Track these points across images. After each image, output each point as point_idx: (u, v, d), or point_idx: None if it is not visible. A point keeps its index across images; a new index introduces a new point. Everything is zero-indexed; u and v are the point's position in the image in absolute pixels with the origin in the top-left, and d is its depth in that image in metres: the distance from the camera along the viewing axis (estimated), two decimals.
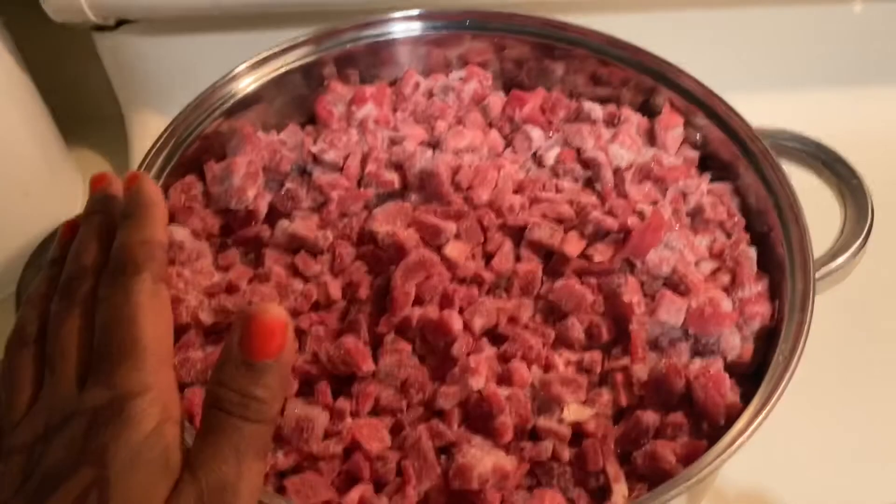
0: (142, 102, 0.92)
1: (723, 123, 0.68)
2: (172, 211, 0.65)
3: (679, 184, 0.67)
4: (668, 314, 0.59)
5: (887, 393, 0.75)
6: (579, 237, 0.63)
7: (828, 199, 0.69)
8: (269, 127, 0.74)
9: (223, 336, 0.60)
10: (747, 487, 0.69)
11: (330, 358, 0.57)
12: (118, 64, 0.89)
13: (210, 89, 0.68)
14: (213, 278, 0.62)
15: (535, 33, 0.74)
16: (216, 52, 0.87)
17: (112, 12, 0.82)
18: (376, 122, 0.72)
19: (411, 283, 0.59)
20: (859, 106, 0.96)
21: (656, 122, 0.72)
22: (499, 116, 0.74)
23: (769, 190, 0.65)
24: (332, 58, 0.73)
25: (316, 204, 0.68)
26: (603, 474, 0.55)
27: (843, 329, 0.78)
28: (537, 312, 0.62)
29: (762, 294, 0.62)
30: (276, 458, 0.55)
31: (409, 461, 0.54)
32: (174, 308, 0.59)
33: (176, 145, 0.66)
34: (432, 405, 0.57)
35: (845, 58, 0.95)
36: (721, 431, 0.54)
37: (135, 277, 0.44)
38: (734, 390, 0.58)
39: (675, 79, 0.71)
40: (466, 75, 0.76)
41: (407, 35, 0.75)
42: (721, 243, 0.66)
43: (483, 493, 0.52)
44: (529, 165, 0.72)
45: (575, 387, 0.57)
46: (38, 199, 0.85)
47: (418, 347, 0.59)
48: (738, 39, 0.92)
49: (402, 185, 0.69)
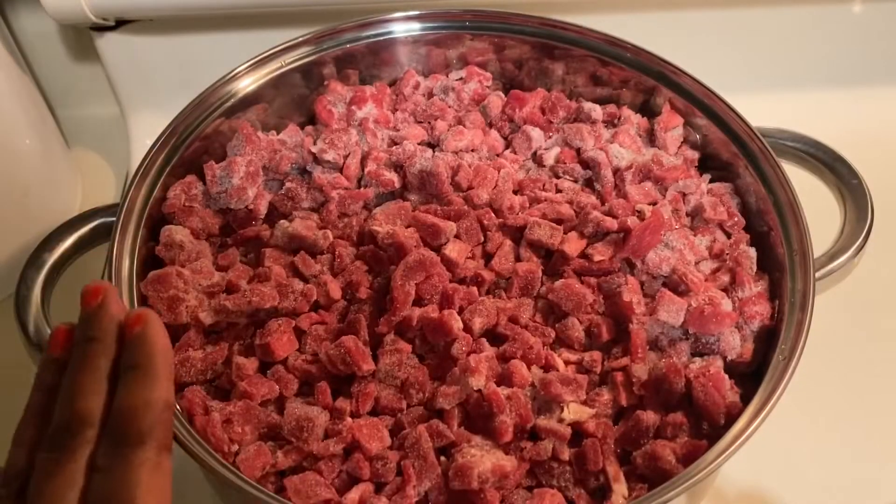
0: (142, 102, 0.92)
1: (723, 123, 0.69)
2: (172, 211, 0.65)
3: (679, 184, 0.67)
4: (667, 314, 0.59)
5: (887, 393, 0.75)
6: (579, 237, 0.63)
7: (828, 199, 0.69)
8: (268, 127, 0.74)
9: (223, 335, 0.61)
10: (747, 487, 0.69)
11: (330, 358, 0.57)
12: (118, 64, 0.89)
13: (210, 89, 0.68)
14: (213, 278, 0.62)
15: (535, 33, 0.74)
16: (216, 52, 0.87)
17: (112, 12, 0.82)
18: (376, 122, 0.72)
19: (411, 283, 0.59)
20: (859, 106, 0.96)
21: (656, 122, 0.72)
22: (498, 116, 0.74)
23: (769, 190, 0.65)
24: (332, 58, 0.73)
25: (316, 204, 0.68)
26: (603, 474, 0.55)
27: (843, 329, 0.78)
28: (537, 312, 0.62)
29: (762, 294, 0.62)
30: (276, 458, 0.55)
31: (409, 461, 0.54)
32: (174, 308, 0.59)
33: (176, 145, 0.66)
34: (432, 405, 0.57)
35: (845, 58, 0.95)
36: (721, 431, 0.54)
37: (138, 449, 0.41)
38: (734, 390, 0.58)
39: (675, 79, 0.71)
40: (466, 75, 0.76)
41: (407, 35, 0.75)
42: (721, 243, 0.66)
43: (483, 492, 0.52)
44: (529, 165, 0.72)
45: (575, 387, 0.57)
46: (38, 199, 0.85)
47: (418, 347, 0.59)
48: (738, 39, 0.92)
49: (401, 184, 0.69)
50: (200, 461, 0.51)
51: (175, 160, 0.66)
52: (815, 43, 0.94)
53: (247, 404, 0.56)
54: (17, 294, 0.61)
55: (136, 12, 0.83)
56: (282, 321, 0.59)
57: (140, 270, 0.61)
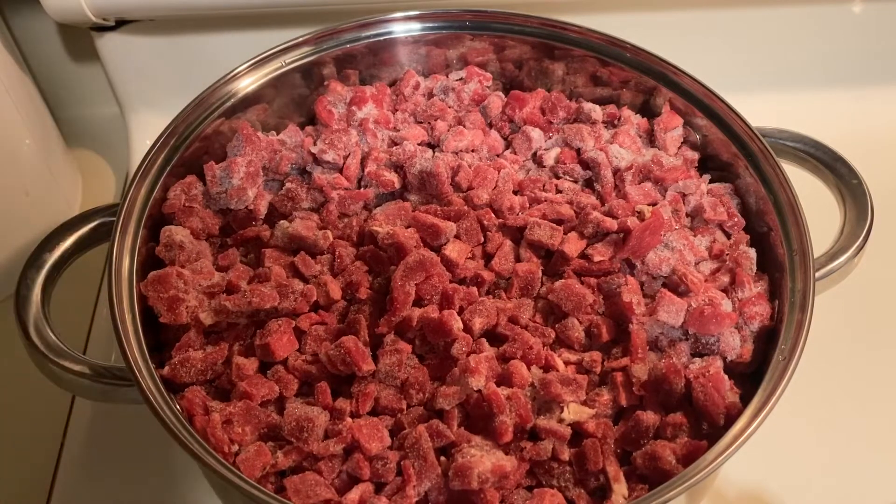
0: (142, 102, 0.92)
1: (723, 123, 0.69)
2: (172, 211, 0.65)
3: (679, 184, 0.67)
4: (667, 314, 0.59)
5: (887, 393, 0.75)
6: (579, 237, 0.63)
7: (828, 199, 0.69)
8: (268, 127, 0.74)
9: (223, 336, 0.61)
10: (747, 487, 0.69)
11: (330, 358, 0.57)
12: (118, 64, 0.89)
13: (210, 89, 0.68)
14: (213, 278, 0.62)
15: (535, 33, 0.74)
16: (216, 52, 0.87)
17: (112, 12, 0.82)
18: (376, 123, 0.72)
19: (411, 283, 0.59)
20: (859, 106, 0.96)
21: (656, 122, 0.72)
22: (499, 117, 0.74)
23: (769, 190, 0.65)
24: (331, 58, 0.73)
25: (316, 204, 0.68)
26: (603, 474, 0.55)
27: (843, 329, 0.78)
28: (537, 312, 0.62)
29: (762, 294, 0.62)
30: (276, 458, 0.55)
31: (409, 461, 0.54)
32: (174, 308, 0.59)
33: (176, 145, 0.66)
34: (432, 405, 0.57)
35: (845, 58, 0.96)
36: (721, 432, 0.54)
37: None
38: (734, 391, 0.58)
39: (675, 79, 0.71)
40: (466, 76, 0.76)
41: (407, 35, 0.75)
42: (721, 244, 0.66)
43: (483, 492, 0.52)
44: (529, 166, 0.72)
45: (575, 387, 0.57)
46: (38, 199, 0.85)
47: (418, 348, 0.59)
48: (738, 39, 0.92)
49: (401, 185, 0.69)
50: (201, 461, 0.51)
51: (175, 160, 0.66)
52: (815, 43, 0.94)
53: (247, 405, 0.56)
54: (17, 294, 0.61)
55: (136, 12, 0.83)
56: (282, 321, 0.59)
57: (140, 270, 0.61)
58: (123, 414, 0.72)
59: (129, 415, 0.70)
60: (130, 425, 0.72)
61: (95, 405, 0.74)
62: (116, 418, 0.73)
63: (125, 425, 0.72)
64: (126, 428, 0.72)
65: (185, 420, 0.54)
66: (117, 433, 0.73)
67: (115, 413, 0.73)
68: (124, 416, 0.72)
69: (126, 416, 0.72)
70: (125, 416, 0.72)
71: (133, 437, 0.72)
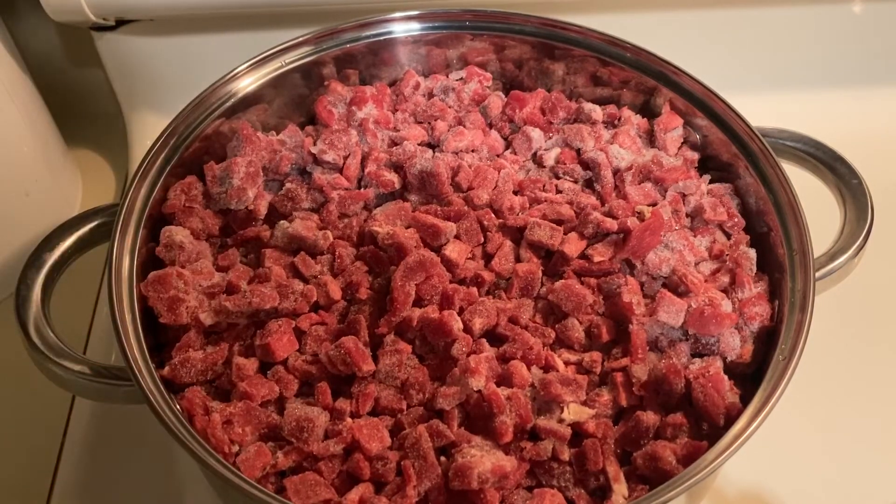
0: (142, 102, 0.92)
1: (723, 123, 0.69)
2: (172, 211, 0.65)
3: (679, 184, 0.67)
4: (667, 315, 0.59)
5: (887, 393, 0.75)
6: (579, 238, 0.63)
7: (828, 199, 0.69)
8: (268, 127, 0.74)
9: (223, 336, 0.61)
10: (747, 487, 0.69)
11: (330, 358, 0.57)
12: (118, 64, 0.89)
13: (210, 89, 0.68)
14: (213, 278, 0.62)
15: (535, 33, 0.74)
16: (216, 52, 0.87)
17: (112, 12, 0.82)
18: (376, 123, 0.72)
19: (411, 283, 0.59)
20: (859, 106, 0.96)
21: (656, 123, 0.72)
22: (499, 117, 0.74)
23: (769, 190, 0.65)
24: (331, 58, 0.73)
25: (316, 204, 0.68)
26: (603, 474, 0.55)
27: (844, 329, 0.78)
28: (537, 313, 0.62)
29: (762, 295, 0.62)
30: (277, 458, 0.55)
31: (409, 461, 0.54)
32: (174, 308, 0.59)
33: (176, 145, 0.66)
34: (432, 405, 0.57)
35: (845, 58, 0.95)
36: (721, 432, 0.54)
37: None
38: (734, 391, 0.58)
39: (675, 79, 0.71)
40: (466, 76, 0.76)
41: (407, 35, 0.75)
42: (721, 244, 0.66)
43: (483, 493, 0.52)
44: (529, 166, 0.72)
45: (575, 387, 0.57)
46: (38, 199, 0.85)
47: (418, 348, 0.59)
48: (739, 39, 0.92)
49: (401, 185, 0.69)
50: (201, 461, 0.51)
51: (175, 160, 0.66)
52: (815, 43, 0.94)
53: (247, 405, 0.56)
54: (17, 294, 0.61)
55: (136, 12, 0.83)
56: (282, 322, 0.59)
57: (140, 271, 0.61)
58: (123, 414, 0.72)
59: (129, 415, 0.70)
60: (130, 425, 0.72)
61: (95, 405, 0.74)
62: (116, 418, 0.73)
63: (125, 425, 0.72)
64: (126, 428, 0.72)
65: (185, 420, 0.54)
66: (117, 433, 0.73)
67: (115, 413, 0.73)
68: (124, 416, 0.72)
69: (126, 416, 0.72)
70: (125, 416, 0.72)
71: (133, 437, 0.72)
